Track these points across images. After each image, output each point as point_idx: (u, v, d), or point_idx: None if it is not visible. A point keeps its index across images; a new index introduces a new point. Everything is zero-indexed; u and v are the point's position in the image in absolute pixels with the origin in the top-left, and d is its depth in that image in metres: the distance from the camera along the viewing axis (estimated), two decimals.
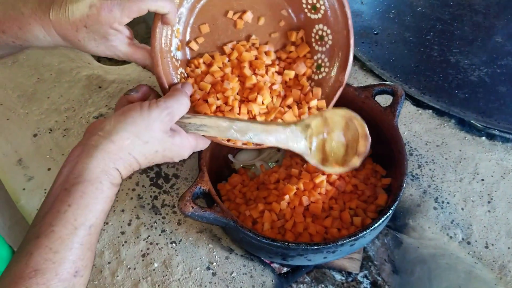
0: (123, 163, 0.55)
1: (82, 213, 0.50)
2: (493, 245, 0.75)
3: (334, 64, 0.70)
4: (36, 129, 0.92)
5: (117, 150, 0.54)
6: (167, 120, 0.57)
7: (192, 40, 0.70)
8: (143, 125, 0.55)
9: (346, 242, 0.62)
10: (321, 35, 0.70)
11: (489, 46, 1.03)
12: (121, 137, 0.54)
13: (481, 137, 0.88)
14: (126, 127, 0.54)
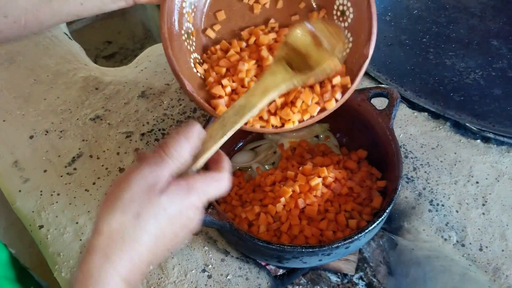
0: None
1: None
2: (487, 247, 0.76)
3: (358, 38, 0.65)
4: (32, 131, 0.92)
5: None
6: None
7: (209, 27, 0.69)
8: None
9: (341, 244, 0.62)
10: (342, 10, 0.66)
11: (484, 49, 1.04)
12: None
13: (476, 140, 0.88)
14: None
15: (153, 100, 0.96)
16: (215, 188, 0.48)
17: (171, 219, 0.45)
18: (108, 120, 0.93)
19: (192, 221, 0.47)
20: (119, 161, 0.87)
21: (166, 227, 0.44)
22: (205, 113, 0.93)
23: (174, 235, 0.46)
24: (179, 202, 0.45)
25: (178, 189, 0.45)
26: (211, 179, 0.48)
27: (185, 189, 0.46)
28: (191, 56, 0.66)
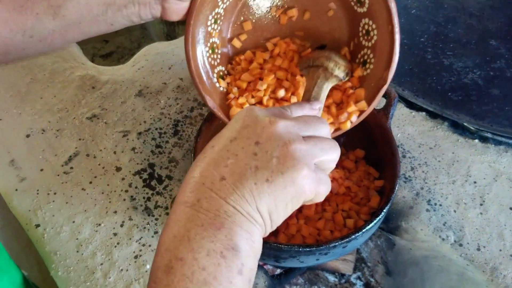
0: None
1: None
2: (485, 247, 0.75)
3: (379, 60, 0.64)
4: (29, 130, 0.92)
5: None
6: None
7: (235, 37, 0.68)
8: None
9: (339, 244, 0.62)
10: (367, 30, 0.65)
11: (482, 49, 1.04)
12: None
13: (474, 139, 0.88)
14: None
15: (150, 99, 0.96)
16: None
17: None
18: (104, 119, 0.93)
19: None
20: (116, 160, 0.86)
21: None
22: (203, 112, 0.93)
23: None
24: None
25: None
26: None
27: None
28: (214, 70, 0.67)
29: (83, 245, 0.76)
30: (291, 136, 0.42)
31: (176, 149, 0.88)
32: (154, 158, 0.87)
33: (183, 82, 0.99)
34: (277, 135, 0.42)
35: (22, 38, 0.53)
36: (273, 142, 0.41)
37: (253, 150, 0.41)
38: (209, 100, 0.65)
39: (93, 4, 0.53)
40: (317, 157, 0.43)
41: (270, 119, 0.43)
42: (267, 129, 0.42)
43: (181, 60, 1.03)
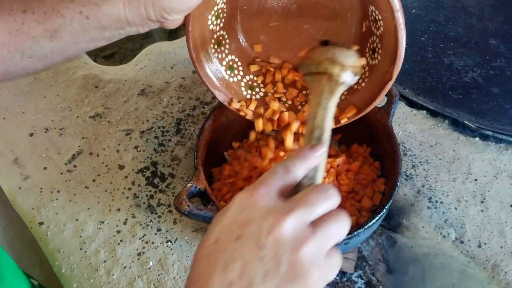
0: None
1: None
2: (486, 244, 0.76)
3: (386, 53, 0.61)
4: (32, 128, 0.92)
5: None
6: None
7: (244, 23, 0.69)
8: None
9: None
10: (374, 18, 0.61)
11: (482, 48, 1.04)
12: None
13: (475, 137, 0.89)
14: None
15: (152, 98, 0.97)
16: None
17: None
18: (107, 117, 0.93)
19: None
20: (118, 159, 0.87)
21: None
22: (205, 111, 0.94)
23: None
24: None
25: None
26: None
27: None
28: (223, 63, 0.67)
29: (87, 243, 0.77)
30: (300, 235, 0.40)
31: (178, 148, 0.88)
32: (157, 156, 0.87)
33: (186, 81, 0.99)
34: (284, 237, 0.40)
35: (21, 58, 0.53)
36: (281, 246, 0.39)
37: (260, 254, 0.39)
38: (218, 95, 0.67)
39: (89, 29, 0.52)
40: (327, 246, 0.41)
41: (276, 216, 0.40)
42: (273, 229, 0.40)
43: (183, 59, 1.04)
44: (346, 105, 0.67)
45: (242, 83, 0.70)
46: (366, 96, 0.64)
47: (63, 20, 0.51)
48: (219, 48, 0.67)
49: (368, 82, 0.64)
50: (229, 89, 0.69)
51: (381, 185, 0.74)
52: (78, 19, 0.51)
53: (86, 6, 0.51)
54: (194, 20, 0.59)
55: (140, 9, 0.51)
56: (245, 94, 0.70)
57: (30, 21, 0.50)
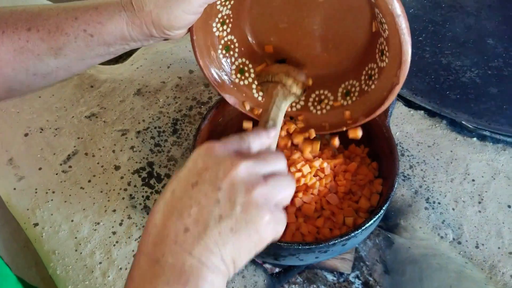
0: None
1: None
2: (484, 245, 0.76)
3: (392, 56, 0.60)
4: (27, 129, 0.92)
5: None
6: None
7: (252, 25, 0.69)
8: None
9: (338, 241, 0.62)
10: (380, 20, 0.59)
11: (480, 48, 1.04)
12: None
13: (472, 138, 0.89)
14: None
15: (148, 97, 0.96)
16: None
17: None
18: (103, 117, 0.93)
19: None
20: (114, 159, 0.86)
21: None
22: (202, 111, 0.93)
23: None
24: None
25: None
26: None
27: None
28: (232, 67, 0.67)
29: (82, 244, 0.76)
30: (252, 180, 0.43)
31: (175, 148, 0.88)
32: (153, 156, 0.87)
33: (182, 81, 0.99)
34: (239, 179, 0.42)
35: (26, 76, 0.53)
36: (236, 188, 0.42)
37: (216, 197, 0.41)
38: (229, 98, 0.67)
39: (94, 46, 0.53)
40: (276, 197, 0.44)
41: (231, 161, 0.43)
42: (229, 172, 0.42)
43: (180, 58, 1.03)
44: (355, 108, 0.67)
45: (253, 86, 0.70)
46: (375, 98, 0.64)
47: (67, 38, 0.51)
48: (227, 52, 0.67)
49: (378, 85, 0.63)
50: (240, 92, 0.69)
51: (379, 186, 0.74)
52: (82, 37, 0.51)
53: (90, 24, 0.51)
54: (198, 30, 0.59)
55: (142, 28, 0.52)
56: (256, 97, 0.70)
57: (35, 39, 0.51)
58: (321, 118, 0.70)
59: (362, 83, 0.65)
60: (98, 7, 0.52)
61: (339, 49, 0.67)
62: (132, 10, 0.51)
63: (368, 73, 0.65)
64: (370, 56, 0.63)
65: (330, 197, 0.72)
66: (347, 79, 0.68)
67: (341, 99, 0.68)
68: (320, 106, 0.70)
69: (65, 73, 0.56)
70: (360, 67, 0.66)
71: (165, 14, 0.51)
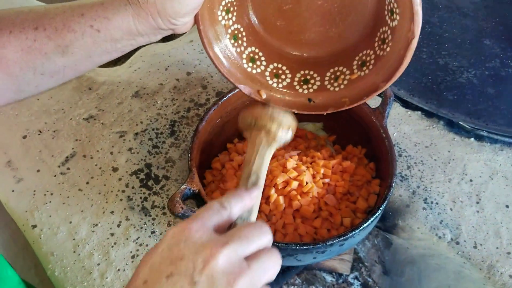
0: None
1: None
2: (482, 245, 0.76)
3: (403, 12, 0.58)
4: (26, 131, 0.92)
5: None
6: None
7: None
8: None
9: (336, 242, 0.62)
10: None
11: (477, 48, 1.04)
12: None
13: (470, 138, 0.89)
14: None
15: (146, 99, 0.96)
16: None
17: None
18: (101, 119, 0.93)
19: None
20: (112, 161, 0.86)
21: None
22: (199, 112, 0.93)
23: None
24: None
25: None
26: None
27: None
28: (243, 56, 0.66)
29: (80, 246, 0.76)
30: (235, 269, 0.39)
31: (173, 149, 0.88)
32: (151, 158, 0.87)
33: (180, 83, 0.99)
34: (219, 271, 0.38)
35: (34, 76, 0.53)
36: (215, 281, 0.38)
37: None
38: (244, 88, 0.65)
39: (101, 42, 0.52)
40: (262, 280, 0.41)
41: (210, 249, 0.39)
42: (207, 263, 0.38)
43: (178, 60, 1.03)
44: (375, 76, 0.65)
45: (266, 73, 0.68)
46: (393, 60, 0.62)
47: (74, 35, 0.51)
48: (236, 42, 0.65)
49: (393, 46, 0.61)
50: (254, 80, 0.67)
51: (376, 186, 0.74)
52: (89, 33, 0.51)
53: (96, 20, 0.51)
54: (204, 19, 0.59)
55: (149, 20, 0.52)
56: (271, 83, 0.68)
57: (42, 38, 0.51)
58: (340, 94, 0.67)
59: (377, 49, 0.63)
60: (104, 3, 0.52)
61: (348, 20, 0.65)
62: (137, 3, 0.51)
63: (380, 38, 0.63)
64: (380, 20, 0.62)
65: (328, 198, 0.72)
66: (360, 50, 0.66)
67: (357, 71, 0.66)
68: (337, 83, 0.67)
69: (73, 72, 0.55)
70: (372, 34, 0.64)
71: (168, 1, 0.50)
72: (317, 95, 0.68)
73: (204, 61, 1.02)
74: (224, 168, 0.77)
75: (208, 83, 0.98)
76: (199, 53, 1.04)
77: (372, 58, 0.65)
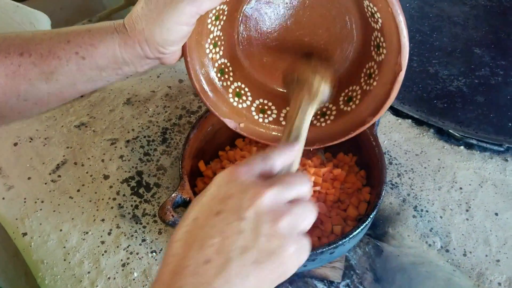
0: None
1: None
2: (471, 252, 0.76)
3: (390, 45, 0.59)
4: (17, 138, 0.91)
5: None
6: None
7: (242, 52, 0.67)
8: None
9: (326, 250, 0.62)
10: (371, 12, 0.59)
11: (467, 57, 1.05)
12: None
13: (460, 146, 0.89)
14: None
15: (138, 107, 0.96)
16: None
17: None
18: (93, 127, 0.93)
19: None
20: (103, 168, 0.86)
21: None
22: (191, 120, 0.93)
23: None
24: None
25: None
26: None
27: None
28: (229, 90, 0.66)
29: (71, 253, 0.76)
30: (278, 209, 0.41)
31: (164, 157, 0.88)
32: (142, 166, 0.87)
33: (172, 90, 0.99)
34: (264, 209, 0.41)
35: (17, 101, 0.52)
36: (261, 218, 0.40)
37: (240, 228, 0.40)
38: (229, 122, 0.65)
39: (86, 69, 0.52)
40: (300, 226, 0.43)
41: (256, 189, 0.41)
42: (254, 202, 0.40)
43: (170, 68, 1.04)
44: (361, 111, 0.65)
45: (252, 108, 0.68)
46: (380, 94, 0.62)
47: (59, 61, 0.51)
48: (222, 76, 0.65)
49: (380, 80, 0.62)
50: (239, 115, 0.67)
51: (367, 194, 0.74)
52: (74, 60, 0.51)
53: (82, 46, 0.51)
54: (191, 51, 0.58)
55: (135, 48, 0.52)
56: (256, 118, 0.68)
57: (27, 64, 0.51)
58: (327, 129, 0.68)
59: (363, 84, 0.64)
60: (91, 29, 0.52)
61: (333, 59, 0.66)
62: (124, 31, 0.51)
63: (367, 73, 0.63)
64: (366, 56, 0.62)
65: (319, 205, 0.72)
66: (347, 86, 0.66)
67: (343, 106, 0.66)
68: (324, 119, 0.68)
69: (57, 99, 0.55)
70: (358, 70, 0.65)
71: (157, 28, 0.50)
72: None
73: None
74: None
75: None
76: None
77: (359, 94, 0.65)
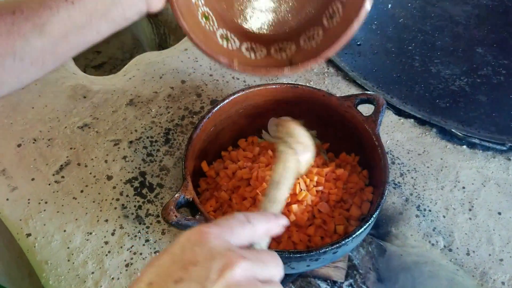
0: None
1: None
2: (474, 252, 0.76)
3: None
4: (20, 139, 0.92)
5: None
6: None
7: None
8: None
9: (329, 250, 0.63)
10: None
11: (469, 56, 1.05)
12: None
13: (462, 145, 0.89)
14: None
15: (141, 108, 0.96)
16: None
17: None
18: (96, 128, 0.93)
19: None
20: (107, 169, 0.86)
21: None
22: (194, 120, 0.94)
23: None
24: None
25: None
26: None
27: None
28: (217, 34, 0.65)
29: (74, 254, 0.76)
30: (250, 285, 0.37)
31: (167, 157, 0.88)
32: (145, 166, 0.87)
33: (174, 91, 0.99)
34: (234, 284, 0.35)
35: (13, 62, 0.53)
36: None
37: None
38: (223, 59, 0.62)
39: (76, 16, 0.53)
40: None
41: (227, 258, 0.36)
42: (223, 274, 0.35)
43: (172, 69, 1.04)
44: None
45: (242, 48, 0.67)
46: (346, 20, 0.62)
47: (51, 11, 0.51)
48: (207, 21, 0.65)
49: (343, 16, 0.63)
50: (231, 55, 0.66)
51: (369, 194, 0.74)
52: (64, 7, 0.52)
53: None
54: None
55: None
56: (249, 57, 0.67)
57: (20, 20, 0.51)
58: (318, 48, 0.65)
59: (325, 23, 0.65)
60: None
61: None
62: None
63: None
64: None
65: (322, 205, 0.72)
66: (326, 6, 0.66)
67: (327, 24, 0.65)
68: (314, 41, 0.66)
69: (52, 57, 0.55)
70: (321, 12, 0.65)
71: None
72: (296, 56, 0.67)
73: (198, 70, 1.03)
74: (219, 176, 0.78)
75: (203, 91, 0.99)
76: (193, 61, 1.05)
77: (340, 9, 0.64)
